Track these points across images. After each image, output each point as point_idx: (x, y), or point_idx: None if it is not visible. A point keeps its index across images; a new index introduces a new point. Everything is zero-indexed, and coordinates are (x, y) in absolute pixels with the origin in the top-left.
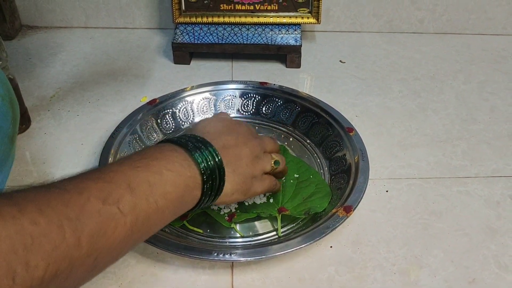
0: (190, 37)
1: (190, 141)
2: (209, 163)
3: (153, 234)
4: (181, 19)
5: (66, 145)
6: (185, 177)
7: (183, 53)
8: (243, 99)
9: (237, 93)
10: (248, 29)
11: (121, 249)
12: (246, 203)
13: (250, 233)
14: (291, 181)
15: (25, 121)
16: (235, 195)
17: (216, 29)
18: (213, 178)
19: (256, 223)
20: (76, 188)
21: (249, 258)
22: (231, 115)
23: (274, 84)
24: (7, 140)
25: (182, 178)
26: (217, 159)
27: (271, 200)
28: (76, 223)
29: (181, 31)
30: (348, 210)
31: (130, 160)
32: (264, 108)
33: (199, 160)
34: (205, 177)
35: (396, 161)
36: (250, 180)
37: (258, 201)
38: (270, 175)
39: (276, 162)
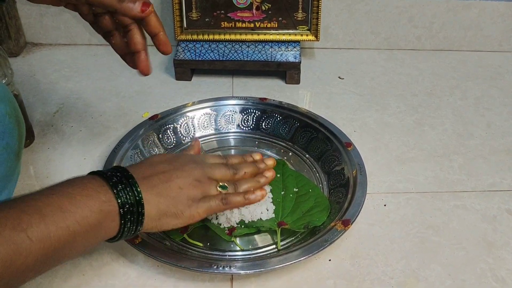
0: (192, 54)
1: (109, 170)
2: (123, 185)
3: (68, 259)
4: (183, 37)
5: (69, 159)
6: (100, 201)
7: (184, 70)
8: (243, 114)
9: (237, 108)
10: (248, 46)
11: (34, 273)
12: (246, 221)
13: (250, 246)
14: (291, 195)
15: (29, 137)
16: (164, 219)
17: (217, 46)
18: (130, 203)
19: (256, 236)
20: None
21: (248, 271)
22: (231, 130)
23: (274, 100)
24: (13, 157)
25: (96, 202)
26: (131, 180)
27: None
28: None
29: (183, 48)
30: (346, 223)
31: (47, 188)
32: (263, 124)
33: (111, 181)
34: (119, 200)
35: (394, 175)
36: (186, 202)
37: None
38: (220, 195)
39: (222, 187)
